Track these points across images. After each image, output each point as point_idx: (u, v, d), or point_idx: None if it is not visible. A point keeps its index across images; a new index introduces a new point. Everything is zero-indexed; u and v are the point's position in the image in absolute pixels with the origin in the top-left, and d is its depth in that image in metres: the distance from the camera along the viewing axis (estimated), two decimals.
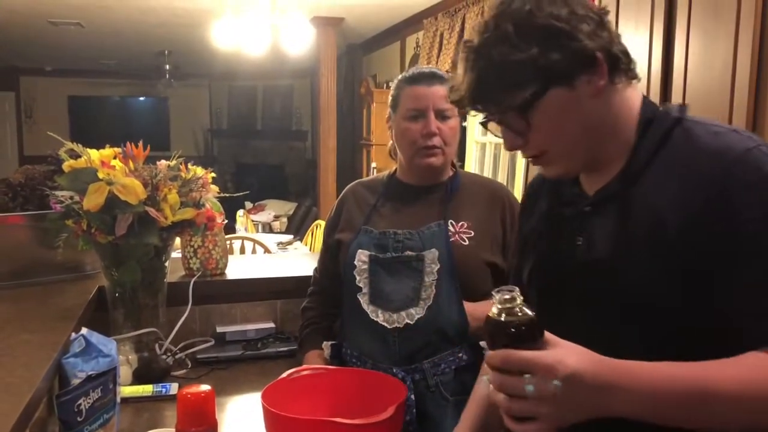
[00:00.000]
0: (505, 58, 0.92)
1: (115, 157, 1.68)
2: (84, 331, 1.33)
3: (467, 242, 1.54)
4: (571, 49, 0.92)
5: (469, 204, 1.61)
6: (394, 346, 1.50)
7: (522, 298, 0.85)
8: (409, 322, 1.49)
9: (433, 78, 1.59)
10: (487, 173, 3.96)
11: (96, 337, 1.33)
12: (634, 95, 1.00)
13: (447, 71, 4.46)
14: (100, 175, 1.55)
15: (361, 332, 1.56)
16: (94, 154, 1.68)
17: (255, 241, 3.97)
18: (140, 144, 1.69)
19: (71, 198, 1.60)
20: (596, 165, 1.01)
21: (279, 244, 4.60)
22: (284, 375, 1.34)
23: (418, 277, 1.51)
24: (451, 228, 1.56)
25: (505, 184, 3.71)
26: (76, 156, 1.65)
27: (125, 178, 1.56)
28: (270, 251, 3.93)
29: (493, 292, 0.85)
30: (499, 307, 0.84)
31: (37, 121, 9.72)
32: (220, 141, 10.35)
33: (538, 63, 0.91)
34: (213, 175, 1.83)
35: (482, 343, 1.51)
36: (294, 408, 1.27)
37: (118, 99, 10.25)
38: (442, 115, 1.57)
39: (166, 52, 7.94)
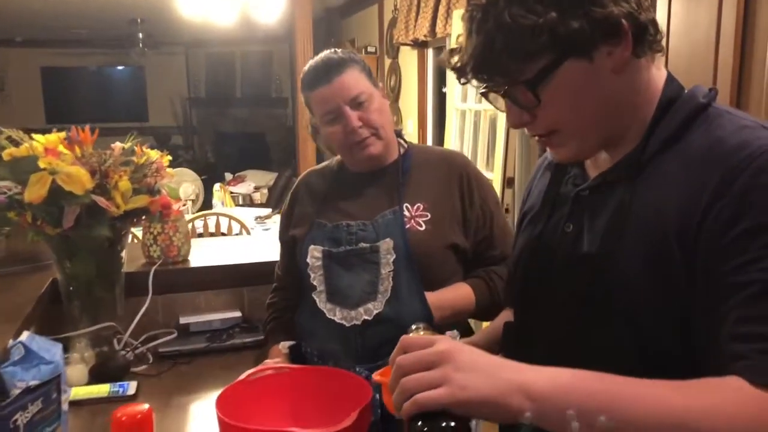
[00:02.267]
0: (518, 21, 0.80)
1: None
2: (24, 336, 1.23)
3: (424, 227, 1.45)
4: (593, 16, 0.80)
5: (423, 183, 1.51)
6: (355, 343, 1.42)
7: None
8: (367, 318, 1.41)
9: (330, 71, 1.45)
10: (468, 141, 3.85)
11: (38, 342, 1.23)
12: (657, 72, 0.89)
13: (424, 36, 4.34)
14: (41, 164, 1.44)
15: (320, 332, 1.47)
16: (40, 139, 1.57)
17: (231, 218, 3.87)
18: (86, 128, 1.58)
19: (12, 189, 1.49)
20: (609, 147, 0.91)
21: (257, 218, 4.50)
22: (242, 376, 1.25)
23: (374, 269, 1.42)
24: (406, 213, 1.47)
25: (485, 154, 3.62)
26: (18, 143, 1.54)
27: (69, 167, 1.45)
28: (247, 227, 3.83)
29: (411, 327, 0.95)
30: None
31: (10, 93, 9.45)
32: (199, 110, 10.13)
33: (556, 30, 0.80)
34: (169, 158, 1.72)
35: (449, 333, 1.43)
36: (253, 412, 1.19)
37: (95, 69, 9.97)
38: (357, 104, 1.45)
39: (138, 20, 7.70)
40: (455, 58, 0.89)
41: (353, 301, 1.43)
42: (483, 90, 0.90)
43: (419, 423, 0.74)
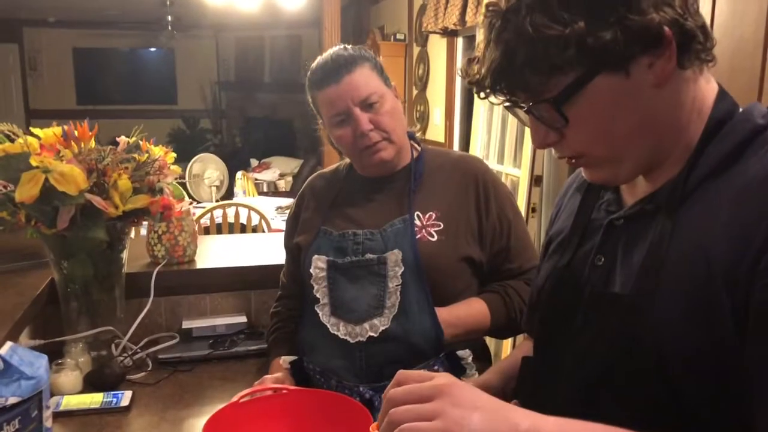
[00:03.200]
0: (541, 32, 0.70)
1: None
2: (5, 349, 1.16)
3: (435, 237, 1.35)
4: (629, 25, 0.69)
5: (437, 190, 1.41)
6: (360, 361, 1.32)
7: None
8: (372, 334, 1.31)
9: (338, 70, 1.35)
10: (495, 135, 3.72)
11: (19, 356, 1.16)
12: (707, 86, 0.77)
13: (454, 24, 4.19)
14: (33, 162, 1.36)
15: (322, 347, 1.38)
16: (38, 133, 1.50)
17: (250, 208, 3.79)
18: (85, 123, 1.50)
19: (5, 187, 1.42)
20: (649, 170, 0.80)
21: (278, 208, 4.41)
22: (235, 398, 1.17)
23: (381, 282, 1.32)
24: (417, 222, 1.36)
25: (512, 149, 3.48)
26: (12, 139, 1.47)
27: (63, 165, 1.37)
28: (266, 218, 3.75)
29: None
30: None
31: (42, 73, 9.51)
32: (228, 94, 10.09)
33: (585, 42, 0.69)
34: (174, 155, 1.63)
35: (460, 353, 1.34)
36: None
37: (126, 51, 9.96)
38: (367, 105, 1.35)
39: (168, 2, 7.65)
40: (474, 69, 0.79)
41: (358, 316, 1.33)
42: (506, 105, 0.80)
43: None
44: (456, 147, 4.89)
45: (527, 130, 3.26)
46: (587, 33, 0.69)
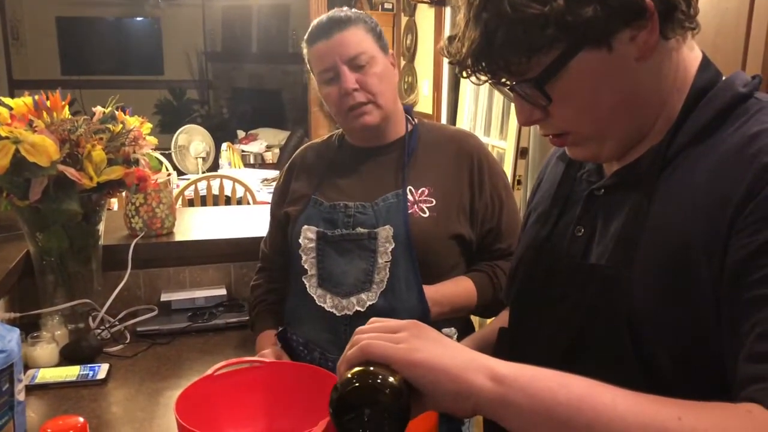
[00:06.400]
0: (520, 12, 0.68)
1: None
2: None
3: (427, 214, 1.33)
4: (609, 1, 0.67)
5: (430, 165, 1.38)
6: (345, 335, 1.31)
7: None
8: (359, 309, 1.30)
9: (332, 27, 1.33)
10: (482, 106, 3.70)
11: None
12: (690, 54, 0.76)
13: None
14: (2, 132, 1.33)
15: (308, 319, 1.37)
16: (9, 103, 1.47)
17: (235, 180, 3.75)
18: (57, 93, 1.47)
19: None
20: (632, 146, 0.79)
21: (264, 180, 4.38)
22: (210, 371, 1.15)
23: (371, 257, 1.31)
24: (410, 197, 1.34)
25: (499, 121, 3.46)
26: None
27: (34, 136, 1.35)
28: (251, 190, 3.72)
29: None
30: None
31: (24, 43, 9.30)
32: (215, 64, 9.95)
33: (564, 20, 0.67)
34: (149, 125, 1.60)
35: (445, 331, 1.33)
36: (218, 414, 1.10)
37: (112, 20, 9.78)
38: (355, 65, 1.33)
39: None
40: (455, 48, 0.76)
41: (346, 290, 1.32)
42: (490, 83, 0.78)
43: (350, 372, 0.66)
44: (444, 119, 4.86)
45: (512, 106, 3.25)
46: (567, 11, 0.67)
